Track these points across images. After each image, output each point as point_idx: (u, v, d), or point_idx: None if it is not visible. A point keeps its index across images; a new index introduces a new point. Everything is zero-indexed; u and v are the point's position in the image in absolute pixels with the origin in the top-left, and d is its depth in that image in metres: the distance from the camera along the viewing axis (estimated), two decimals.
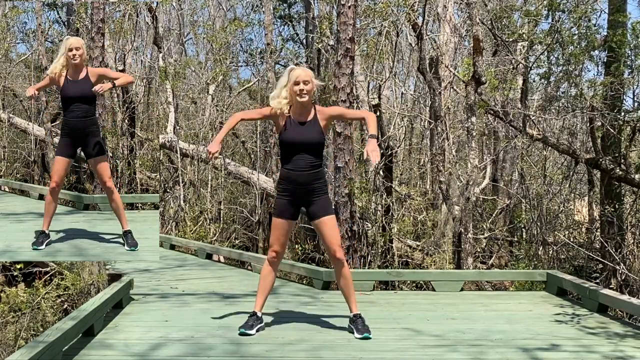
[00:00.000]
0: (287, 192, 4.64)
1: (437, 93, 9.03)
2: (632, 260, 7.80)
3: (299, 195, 4.62)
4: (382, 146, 10.01)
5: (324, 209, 4.63)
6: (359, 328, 4.60)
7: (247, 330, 4.63)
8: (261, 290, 4.78)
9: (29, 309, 7.14)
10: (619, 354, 4.18)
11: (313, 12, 14.44)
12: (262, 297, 4.79)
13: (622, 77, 7.78)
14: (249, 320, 4.72)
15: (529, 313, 5.50)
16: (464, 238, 7.86)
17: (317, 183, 4.62)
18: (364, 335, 4.53)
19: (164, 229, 11.75)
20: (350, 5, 7.63)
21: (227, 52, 14.37)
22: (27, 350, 3.56)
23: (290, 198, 4.64)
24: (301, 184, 4.59)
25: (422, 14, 9.16)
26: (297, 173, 4.58)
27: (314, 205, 4.63)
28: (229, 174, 13.19)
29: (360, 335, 4.55)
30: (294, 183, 4.60)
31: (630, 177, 7.69)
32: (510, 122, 8.64)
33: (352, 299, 4.72)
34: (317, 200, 4.62)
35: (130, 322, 5.05)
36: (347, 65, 7.61)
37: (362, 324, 4.64)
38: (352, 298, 4.72)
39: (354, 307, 4.72)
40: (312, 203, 4.63)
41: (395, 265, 9.26)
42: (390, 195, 9.92)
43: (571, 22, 8.27)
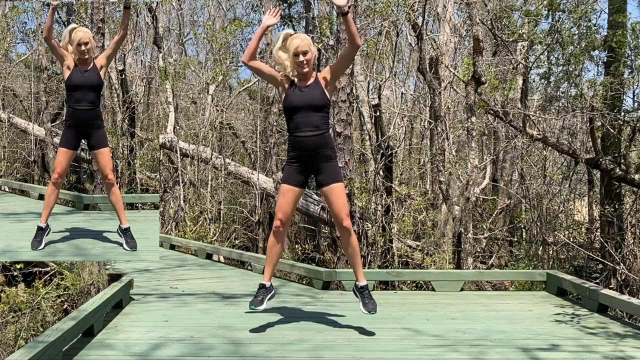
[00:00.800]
0: (294, 159, 4.59)
1: (437, 93, 9.03)
2: (632, 260, 7.81)
3: (306, 161, 4.57)
4: (382, 146, 10.01)
5: (333, 176, 4.58)
6: (366, 302, 4.61)
7: (257, 306, 4.61)
8: (268, 261, 4.74)
9: (29, 309, 7.14)
10: (619, 354, 4.18)
11: (313, 12, 14.44)
12: (270, 267, 4.75)
13: (622, 77, 7.78)
14: (258, 294, 4.68)
15: (529, 313, 5.50)
16: (464, 238, 7.86)
17: (325, 149, 4.56)
18: (370, 312, 4.56)
19: (164, 229, 11.75)
20: (350, 5, 7.62)
21: (227, 52, 14.37)
22: (27, 350, 3.56)
23: (298, 165, 4.59)
24: (308, 149, 4.54)
25: (422, 14, 9.15)
26: (303, 137, 4.52)
27: (322, 173, 4.58)
28: (229, 174, 13.19)
29: (366, 310, 4.57)
30: (300, 149, 4.55)
31: (630, 177, 7.69)
32: (510, 122, 8.64)
33: (359, 267, 4.71)
34: (326, 167, 4.57)
35: (130, 322, 5.05)
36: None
37: (369, 298, 4.64)
38: (359, 267, 4.71)
39: (360, 276, 4.71)
40: (321, 170, 4.58)
41: (395, 265, 9.26)
42: (390, 195, 9.91)
43: (571, 22, 8.27)
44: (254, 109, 16.70)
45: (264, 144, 14.28)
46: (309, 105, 4.51)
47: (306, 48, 4.49)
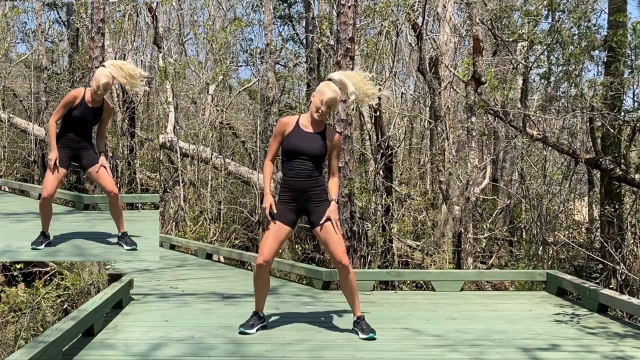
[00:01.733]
0: (288, 197, 4.62)
1: (437, 93, 9.03)
2: (632, 260, 7.81)
3: (299, 201, 4.61)
4: (382, 146, 10.01)
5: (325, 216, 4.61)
6: (364, 329, 4.61)
7: (247, 329, 4.64)
8: (257, 292, 4.75)
9: (29, 309, 7.13)
10: (619, 354, 4.18)
11: (313, 12, 14.45)
12: (261, 297, 4.77)
13: (622, 77, 7.78)
14: (250, 319, 4.73)
15: (529, 313, 5.50)
16: (464, 238, 7.86)
17: (316, 189, 4.60)
18: (370, 336, 4.54)
19: (164, 229, 11.75)
20: (350, 5, 7.63)
21: (227, 52, 14.36)
22: (27, 350, 3.55)
23: (291, 203, 4.62)
24: (299, 190, 4.59)
25: (422, 14, 9.15)
26: (296, 181, 4.58)
27: (314, 213, 4.61)
28: (229, 174, 13.18)
29: (365, 335, 4.55)
30: (293, 190, 4.60)
31: (630, 177, 7.69)
32: (510, 122, 8.64)
33: (357, 303, 4.72)
34: (318, 207, 4.61)
35: (130, 322, 5.05)
36: (347, 65, 7.61)
37: (366, 324, 4.64)
38: (357, 303, 4.72)
39: (357, 310, 4.71)
40: (313, 211, 4.62)
41: (395, 265, 9.26)
42: (390, 195, 9.92)
43: (571, 22, 8.27)
44: (254, 109, 16.70)
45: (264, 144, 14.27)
46: (308, 152, 4.55)
47: (333, 104, 4.54)
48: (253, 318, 4.73)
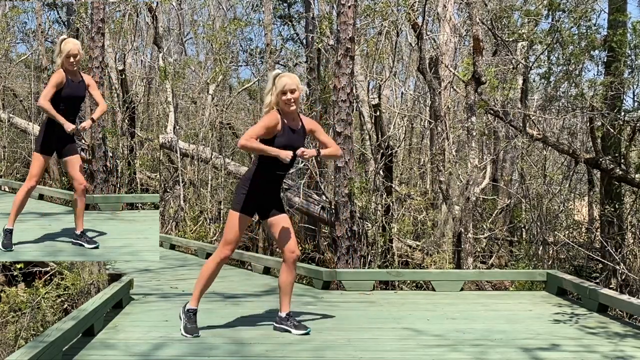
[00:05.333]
0: (259, 189, 4.62)
1: (437, 93, 9.03)
2: (632, 260, 7.81)
3: (268, 194, 4.66)
4: (382, 146, 10.01)
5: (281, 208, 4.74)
6: (297, 325, 4.65)
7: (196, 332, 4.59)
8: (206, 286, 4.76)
9: (29, 309, 7.13)
10: (619, 353, 4.19)
11: (313, 12, 14.44)
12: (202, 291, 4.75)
13: (622, 77, 7.78)
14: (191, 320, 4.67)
15: (529, 313, 5.50)
16: (464, 238, 7.86)
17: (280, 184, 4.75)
18: (307, 331, 4.60)
19: (164, 228, 11.75)
20: (350, 5, 7.63)
21: (227, 52, 14.36)
22: (27, 350, 3.56)
23: (260, 195, 4.64)
24: (274, 184, 4.68)
25: (422, 14, 9.15)
26: (278, 174, 4.64)
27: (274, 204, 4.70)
28: (228, 173, 13.18)
29: (301, 331, 4.60)
30: (270, 183, 4.65)
31: (630, 177, 7.69)
32: (510, 122, 8.63)
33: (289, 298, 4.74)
34: (277, 199, 4.73)
35: (130, 322, 5.05)
36: (347, 65, 7.61)
37: (297, 321, 4.69)
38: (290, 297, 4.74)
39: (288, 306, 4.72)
40: (273, 202, 4.70)
41: (395, 265, 9.26)
42: (390, 195, 9.91)
43: (571, 22, 8.26)
44: (254, 109, 16.70)
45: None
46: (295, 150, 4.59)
47: (295, 87, 4.53)
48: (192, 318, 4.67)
